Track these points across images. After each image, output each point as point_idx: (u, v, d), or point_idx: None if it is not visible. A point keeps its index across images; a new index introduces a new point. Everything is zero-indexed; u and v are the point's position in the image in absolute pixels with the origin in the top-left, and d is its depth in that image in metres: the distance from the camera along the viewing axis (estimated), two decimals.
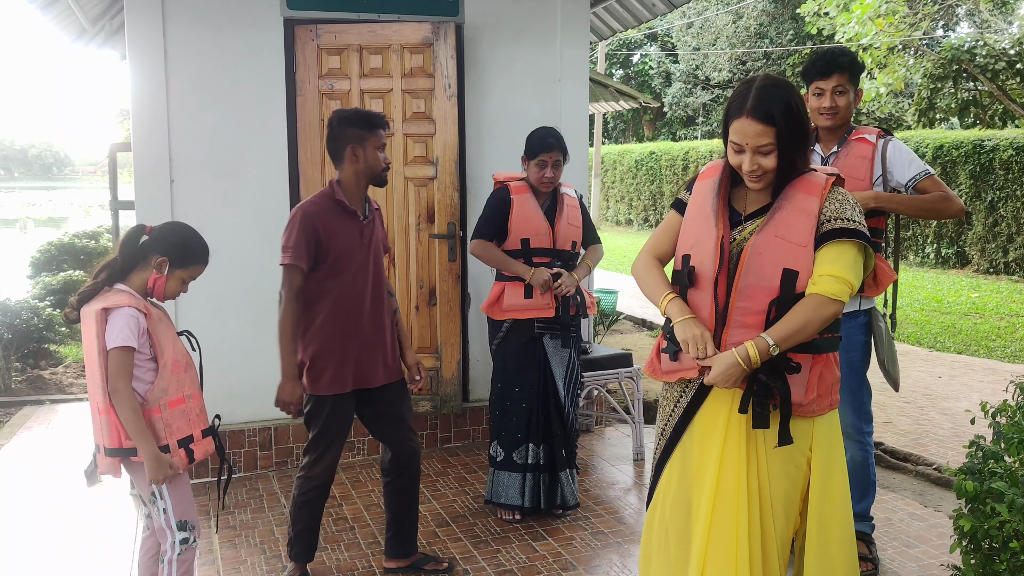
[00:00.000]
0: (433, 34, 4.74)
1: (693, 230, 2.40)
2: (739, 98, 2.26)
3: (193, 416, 2.82)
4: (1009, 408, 2.62)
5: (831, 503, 2.34)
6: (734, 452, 2.30)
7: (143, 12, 4.47)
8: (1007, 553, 2.24)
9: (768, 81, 2.26)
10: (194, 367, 2.88)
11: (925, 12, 17.28)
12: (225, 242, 4.67)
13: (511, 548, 3.81)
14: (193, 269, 2.86)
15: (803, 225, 2.24)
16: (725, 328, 2.30)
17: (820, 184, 2.27)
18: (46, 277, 9.47)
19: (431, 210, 4.86)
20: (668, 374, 2.43)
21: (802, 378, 2.27)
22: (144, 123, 4.54)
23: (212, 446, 2.91)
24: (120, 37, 5.89)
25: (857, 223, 2.25)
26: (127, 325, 2.65)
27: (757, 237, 2.27)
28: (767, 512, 2.31)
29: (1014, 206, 12.50)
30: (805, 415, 2.30)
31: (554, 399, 4.06)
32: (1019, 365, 7.34)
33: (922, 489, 4.54)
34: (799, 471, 2.33)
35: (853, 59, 3.38)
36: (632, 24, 6.79)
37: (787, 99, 2.22)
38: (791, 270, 2.23)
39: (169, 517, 2.79)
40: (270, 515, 4.22)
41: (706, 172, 2.45)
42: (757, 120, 2.21)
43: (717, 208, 2.35)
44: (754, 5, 26.16)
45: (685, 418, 2.41)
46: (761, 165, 2.25)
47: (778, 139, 2.22)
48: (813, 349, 2.28)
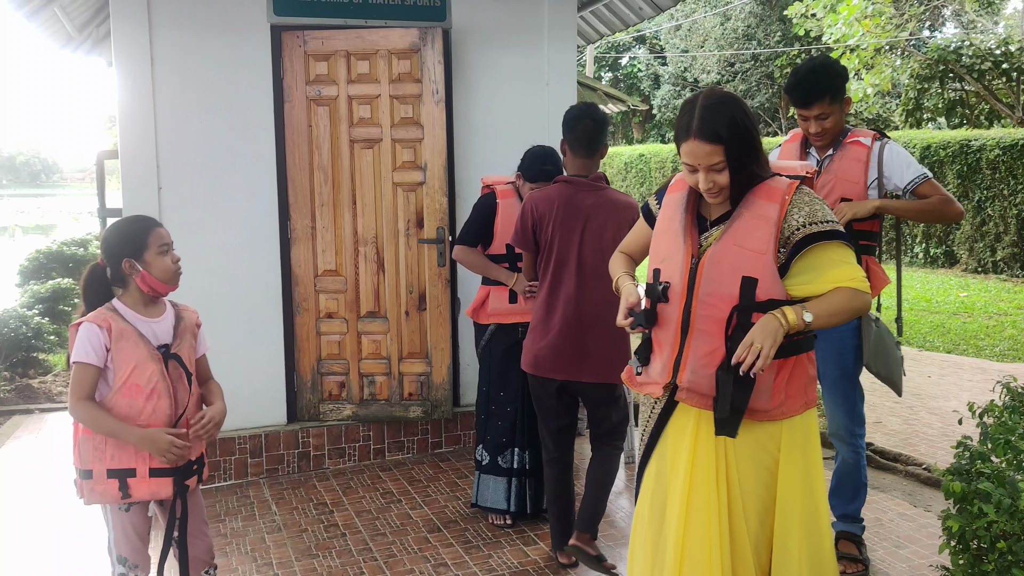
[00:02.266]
0: (420, 39, 4.74)
1: (663, 245, 2.43)
2: (685, 119, 2.29)
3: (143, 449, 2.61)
4: (996, 408, 2.63)
5: (806, 504, 2.35)
6: (704, 458, 2.34)
7: (129, 19, 4.46)
8: (995, 553, 2.25)
9: (711, 99, 2.27)
10: (167, 398, 2.66)
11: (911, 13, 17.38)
12: (213, 248, 4.68)
13: (502, 553, 3.80)
14: (154, 239, 2.67)
15: (762, 232, 2.26)
16: (688, 336, 2.32)
17: (781, 190, 2.29)
18: (35, 285, 9.41)
19: (420, 215, 4.86)
20: (639, 386, 2.49)
21: (767, 385, 2.29)
22: (131, 130, 4.53)
23: (167, 490, 2.66)
24: (107, 44, 5.87)
25: (832, 223, 2.28)
26: (87, 339, 2.58)
27: (716, 246, 2.31)
28: (739, 516, 2.33)
29: (1001, 205, 12.56)
30: (774, 418, 2.32)
31: None
32: (1008, 364, 7.37)
33: (912, 489, 4.56)
34: (769, 474, 2.36)
35: (831, 79, 3.32)
36: (619, 27, 6.81)
37: (731, 115, 2.24)
38: (750, 277, 2.25)
39: (111, 547, 2.72)
40: (261, 523, 4.21)
41: (675, 185, 2.49)
42: (704, 140, 2.24)
43: (686, 223, 2.39)
44: (742, 7, 26.23)
45: (660, 423, 2.45)
46: (716, 182, 2.28)
47: (727, 155, 2.24)
48: (782, 353, 2.27)
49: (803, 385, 2.36)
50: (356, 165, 4.82)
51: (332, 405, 4.93)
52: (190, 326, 2.83)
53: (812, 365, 2.41)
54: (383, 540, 3.97)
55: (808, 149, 3.51)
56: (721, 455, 2.33)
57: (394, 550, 3.86)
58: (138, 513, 2.73)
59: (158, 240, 2.69)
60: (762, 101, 26.07)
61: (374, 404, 4.94)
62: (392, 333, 4.90)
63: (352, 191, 4.83)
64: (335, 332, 4.89)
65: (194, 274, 4.66)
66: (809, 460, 2.38)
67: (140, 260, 2.66)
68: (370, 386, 4.93)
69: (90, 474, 2.63)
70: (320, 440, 4.90)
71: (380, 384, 4.93)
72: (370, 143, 4.81)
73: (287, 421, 4.91)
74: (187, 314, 2.84)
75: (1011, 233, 12.48)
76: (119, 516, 2.70)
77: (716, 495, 2.32)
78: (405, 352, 4.92)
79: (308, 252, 4.83)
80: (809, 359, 2.39)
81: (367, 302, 4.89)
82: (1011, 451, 2.40)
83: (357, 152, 4.82)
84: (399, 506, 4.36)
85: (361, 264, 4.87)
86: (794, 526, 2.36)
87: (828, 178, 3.38)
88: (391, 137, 4.81)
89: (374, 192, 4.83)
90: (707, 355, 2.30)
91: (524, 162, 3.99)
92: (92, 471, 2.63)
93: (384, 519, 4.21)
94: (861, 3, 16.07)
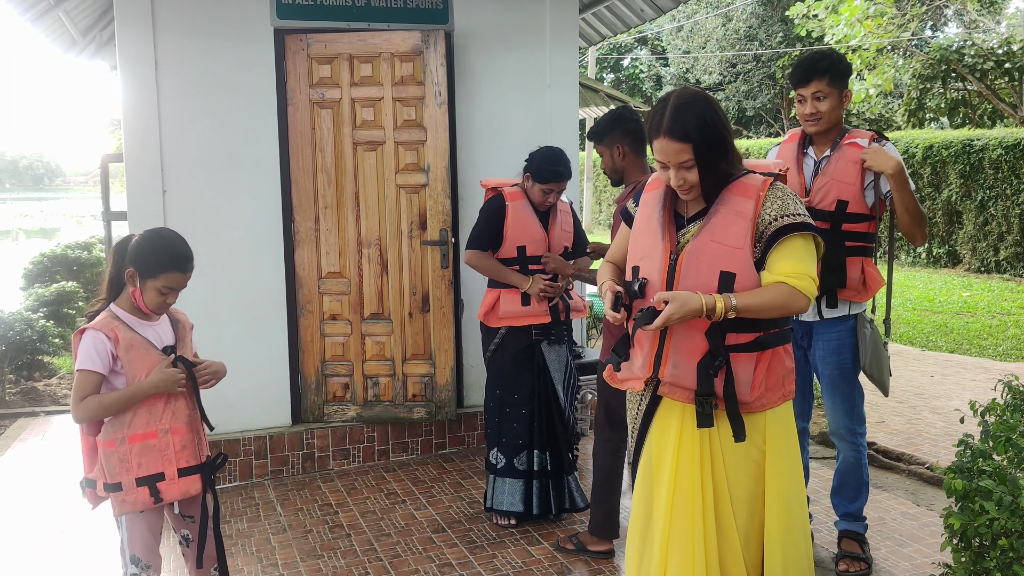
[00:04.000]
0: (423, 42, 4.76)
1: (641, 242, 2.48)
2: (656, 117, 2.35)
3: (171, 452, 2.66)
4: (998, 407, 2.64)
5: (790, 494, 2.41)
6: (689, 453, 2.38)
7: (133, 23, 4.49)
8: (996, 551, 2.26)
9: (682, 98, 2.33)
10: (184, 398, 2.70)
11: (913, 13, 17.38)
12: (218, 251, 4.70)
13: (507, 553, 3.82)
14: (165, 278, 2.63)
15: (739, 228, 2.32)
16: (669, 329, 2.36)
17: (756, 186, 2.35)
18: (39, 288, 9.44)
19: (423, 217, 4.88)
20: (620, 382, 2.53)
21: (747, 376, 2.34)
22: (136, 133, 4.55)
23: (196, 487, 2.72)
24: (111, 48, 5.90)
25: (802, 216, 2.33)
26: (93, 347, 2.58)
27: (694, 242, 2.36)
28: (726, 509, 2.38)
29: (1004, 205, 12.57)
30: (755, 410, 2.37)
31: (555, 403, 4.08)
32: (1011, 363, 7.37)
33: (915, 488, 4.57)
34: (757, 465, 2.40)
35: (834, 62, 3.34)
36: (621, 29, 6.83)
37: (701, 114, 2.30)
38: (728, 272, 2.31)
39: (123, 548, 2.73)
40: (266, 523, 4.23)
41: (652, 184, 2.54)
42: (673, 139, 2.30)
43: (663, 221, 2.43)
44: (743, 8, 26.24)
45: (646, 420, 2.49)
46: (686, 179, 2.34)
47: (696, 154, 2.30)
48: (758, 347, 2.35)
49: (781, 377, 2.41)
50: (359, 167, 4.84)
51: (336, 406, 4.95)
52: (187, 329, 2.86)
53: (789, 357, 2.45)
54: (388, 540, 3.99)
55: (805, 150, 3.49)
56: (707, 449, 2.38)
57: (399, 550, 3.88)
58: (153, 514, 2.74)
59: (167, 282, 2.65)
60: (764, 102, 26.08)
61: (378, 405, 4.96)
62: (396, 335, 4.92)
63: (355, 193, 4.85)
64: (339, 334, 4.91)
65: (198, 277, 4.66)
66: (792, 451, 2.44)
67: (142, 281, 2.64)
68: (374, 387, 4.95)
69: (119, 486, 2.62)
70: (324, 441, 4.92)
71: (384, 385, 4.95)
72: (373, 145, 4.83)
73: (292, 422, 4.93)
74: (180, 316, 2.87)
75: (1014, 233, 12.48)
76: (134, 517, 2.71)
77: (701, 489, 2.36)
78: (409, 353, 4.94)
79: (312, 254, 4.85)
80: (786, 351, 2.44)
81: (371, 304, 4.91)
82: (1012, 449, 2.41)
83: (360, 154, 4.84)
84: (403, 507, 4.38)
85: (365, 266, 4.89)
86: (795, 517, 2.41)
87: (824, 180, 3.37)
88: (394, 139, 4.83)
89: (377, 194, 4.85)
90: (688, 349, 2.35)
91: (533, 163, 3.98)
92: (120, 483, 2.62)
93: (388, 520, 4.22)
94: (863, 3, 16.09)
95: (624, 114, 3.68)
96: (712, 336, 2.31)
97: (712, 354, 2.31)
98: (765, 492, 2.40)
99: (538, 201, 3.99)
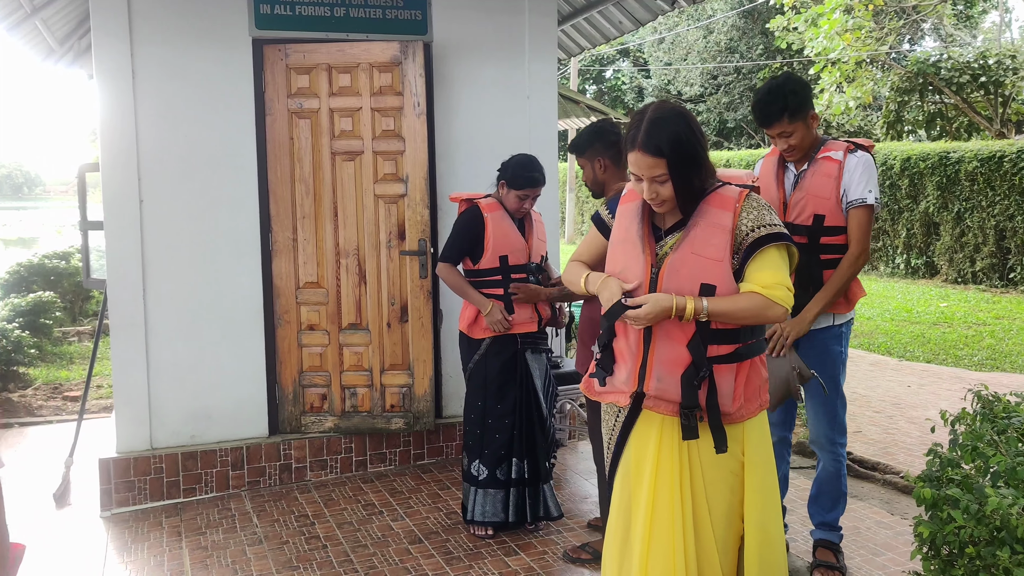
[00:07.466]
0: (401, 52, 4.77)
1: (620, 255, 2.48)
2: (632, 130, 2.37)
3: None
4: (967, 416, 2.67)
5: (767, 504, 2.43)
6: (668, 465, 2.39)
7: (110, 32, 4.47)
8: (964, 559, 2.28)
9: (658, 113, 2.35)
10: None
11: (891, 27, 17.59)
12: (195, 262, 4.68)
13: (484, 564, 3.81)
14: None
15: (718, 240, 2.34)
16: (652, 342, 2.38)
17: (733, 198, 2.37)
18: (15, 299, 9.34)
19: (402, 227, 4.88)
20: (601, 395, 2.54)
21: (728, 387, 2.36)
22: (112, 143, 4.53)
23: None
24: (88, 57, 5.88)
25: (778, 226, 2.36)
26: None
27: (674, 255, 2.37)
28: (705, 520, 2.39)
29: (980, 217, 12.70)
30: (735, 421, 2.39)
31: (537, 412, 4.09)
32: (986, 373, 7.44)
33: (889, 497, 4.60)
34: (735, 476, 2.42)
35: (786, 97, 3.30)
36: (600, 41, 6.87)
37: (675, 130, 2.32)
38: (708, 284, 2.33)
39: None
40: (242, 535, 4.20)
41: (628, 195, 2.54)
42: (647, 153, 2.32)
43: (643, 233, 2.44)
44: (724, 20, 26.46)
45: (624, 433, 2.49)
46: (659, 193, 2.36)
47: (669, 169, 2.32)
48: (737, 358, 2.37)
49: (757, 387, 2.44)
50: (338, 177, 4.84)
51: (314, 417, 4.93)
52: None
53: (764, 367, 2.48)
54: (364, 552, 3.97)
55: (787, 164, 3.54)
56: (685, 461, 2.39)
57: (375, 562, 3.86)
58: None
59: None
60: (744, 114, 26.26)
61: (356, 416, 4.95)
62: (374, 345, 4.91)
63: (334, 203, 4.84)
64: (317, 344, 4.90)
65: (175, 286, 4.68)
66: (768, 460, 2.47)
67: None
68: (352, 398, 4.94)
69: None
70: (302, 452, 4.89)
71: (362, 396, 4.94)
72: (351, 155, 4.83)
73: (268, 433, 4.90)
74: None
75: (990, 244, 12.61)
76: None
77: (680, 501, 2.37)
78: (387, 364, 4.93)
79: (290, 264, 4.84)
80: (762, 362, 2.47)
81: (349, 314, 4.90)
82: (979, 457, 2.44)
83: (339, 164, 4.84)
84: (380, 518, 4.36)
85: (343, 276, 4.88)
86: (772, 526, 2.43)
87: (800, 195, 3.40)
88: (372, 149, 4.84)
89: (356, 204, 4.85)
90: (671, 362, 2.36)
91: (508, 170, 4.00)
92: None
93: (365, 531, 4.21)
94: (842, 17, 16.27)
95: (604, 127, 3.70)
96: (694, 348, 2.33)
97: (695, 366, 2.33)
98: (744, 502, 2.42)
99: (513, 208, 4.00)
